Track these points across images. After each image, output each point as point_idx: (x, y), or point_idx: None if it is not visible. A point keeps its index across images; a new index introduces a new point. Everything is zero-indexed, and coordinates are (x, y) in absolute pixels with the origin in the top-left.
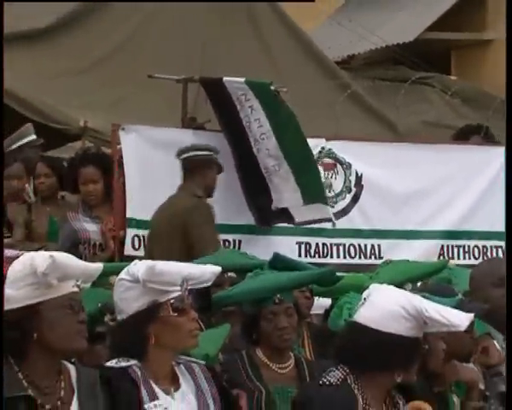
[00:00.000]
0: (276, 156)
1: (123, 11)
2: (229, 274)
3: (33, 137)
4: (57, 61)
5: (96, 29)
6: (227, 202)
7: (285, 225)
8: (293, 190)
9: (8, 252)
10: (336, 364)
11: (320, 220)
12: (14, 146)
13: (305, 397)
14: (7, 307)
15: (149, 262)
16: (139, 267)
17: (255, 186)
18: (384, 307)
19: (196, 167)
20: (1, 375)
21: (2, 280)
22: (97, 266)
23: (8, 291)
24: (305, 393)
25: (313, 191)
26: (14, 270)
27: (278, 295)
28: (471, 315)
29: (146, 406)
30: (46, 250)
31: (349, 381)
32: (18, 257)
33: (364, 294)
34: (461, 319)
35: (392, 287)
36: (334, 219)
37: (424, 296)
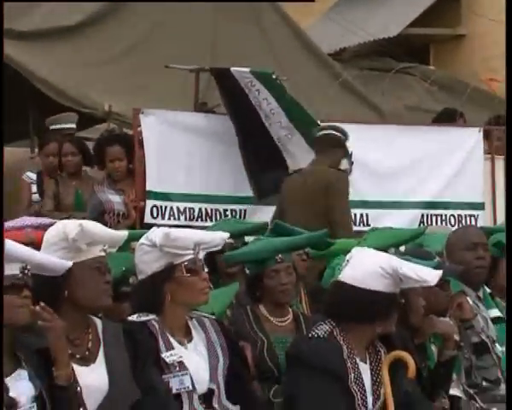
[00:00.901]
0: (287, 127)
1: (142, 10)
2: (228, 240)
3: (74, 125)
4: (85, 53)
5: (118, 26)
6: (233, 178)
7: None
8: (306, 151)
9: (43, 220)
10: (325, 318)
11: None
12: (55, 127)
13: (296, 349)
14: (45, 273)
15: (165, 229)
16: (157, 234)
17: (269, 157)
18: (364, 267)
19: (330, 145)
20: (1, 375)
21: (2, 280)
22: (123, 234)
23: (44, 254)
24: (297, 345)
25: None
26: (49, 235)
27: (280, 256)
28: (439, 272)
29: (163, 355)
30: (73, 219)
31: (335, 333)
32: (52, 224)
33: (347, 256)
34: (431, 275)
35: (371, 249)
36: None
37: (407, 259)
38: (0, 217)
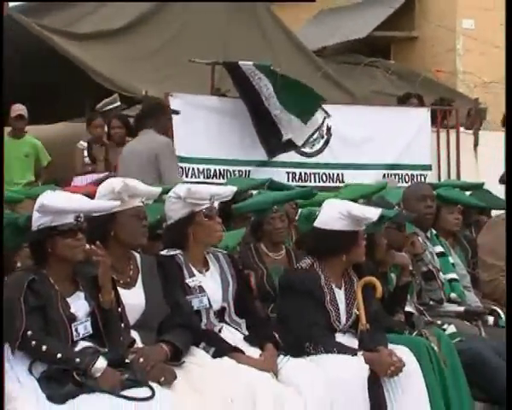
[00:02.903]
0: (279, 107)
1: (171, 18)
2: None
3: (118, 103)
4: (128, 51)
5: (153, 29)
6: (240, 145)
7: (279, 160)
8: (295, 124)
9: (97, 177)
10: (307, 254)
11: (315, 131)
12: (106, 108)
13: (286, 278)
14: (96, 213)
15: (188, 185)
16: (181, 189)
17: (268, 129)
18: (328, 214)
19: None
20: (1, 374)
21: (2, 282)
22: (156, 190)
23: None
24: (287, 275)
25: (308, 112)
26: (100, 189)
27: (275, 207)
28: (379, 210)
29: (186, 280)
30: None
31: (315, 266)
32: (104, 180)
33: (321, 207)
34: (373, 213)
35: (335, 200)
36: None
37: (372, 206)
38: (0, 216)
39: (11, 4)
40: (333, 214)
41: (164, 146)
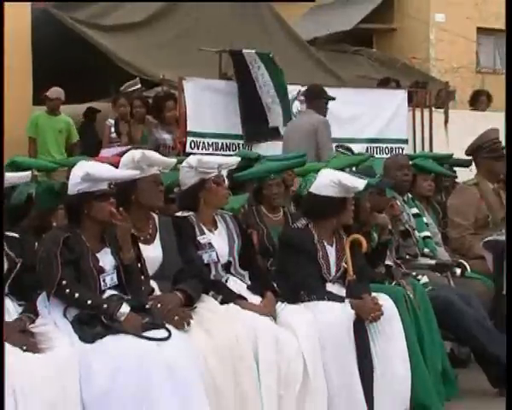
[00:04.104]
0: (272, 96)
1: (186, 11)
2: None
3: (139, 86)
4: (148, 40)
5: (170, 22)
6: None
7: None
8: (280, 116)
9: (121, 149)
10: (303, 215)
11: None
12: (128, 90)
13: (284, 235)
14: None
15: (199, 156)
16: (193, 159)
17: (256, 115)
18: (322, 181)
19: None
20: (1, 373)
21: (2, 283)
22: (171, 160)
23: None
24: (285, 233)
25: (286, 121)
26: (123, 159)
27: (272, 175)
28: (365, 181)
29: (198, 238)
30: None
31: (309, 226)
32: (126, 152)
33: (317, 175)
34: (360, 183)
35: (328, 169)
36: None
37: (358, 176)
38: (0, 217)
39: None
40: (326, 182)
41: (321, 123)
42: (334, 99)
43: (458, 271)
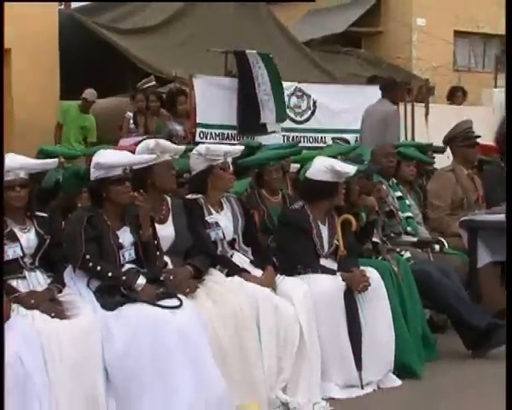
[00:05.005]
0: (268, 94)
1: (196, 16)
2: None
3: (154, 83)
4: (161, 42)
5: (180, 25)
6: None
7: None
8: (272, 114)
9: (138, 139)
10: (299, 198)
11: (273, 132)
12: (144, 86)
13: (283, 215)
14: (137, 166)
15: (207, 145)
16: (202, 147)
17: (252, 111)
18: (316, 167)
19: None
20: (1, 373)
21: (2, 283)
22: (182, 148)
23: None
24: (283, 213)
25: (280, 117)
26: (139, 147)
27: (272, 162)
28: (355, 167)
29: (206, 218)
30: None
31: (305, 207)
32: (141, 141)
33: (311, 161)
34: (350, 169)
35: (322, 157)
36: (279, 131)
37: (349, 163)
38: (1, 217)
39: (73, 6)
40: (320, 168)
41: (391, 112)
42: (409, 88)
43: (437, 247)
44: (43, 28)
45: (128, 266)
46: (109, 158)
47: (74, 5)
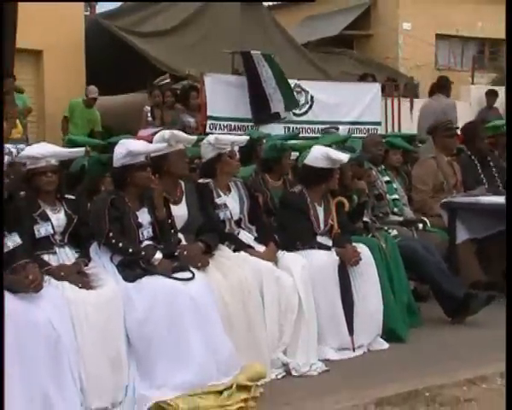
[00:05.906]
0: (274, 87)
1: (204, 20)
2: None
3: (169, 80)
4: (175, 43)
5: (192, 29)
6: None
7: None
8: (281, 103)
9: (155, 130)
10: (298, 182)
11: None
12: (160, 83)
13: (284, 198)
14: (154, 154)
15: (216, 135)
16: (212, 138)
17: (260, 104)
18: (313, 154)
19: None
20: (1, 372)
21: (2, 282)
22: (193, 138)
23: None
24: (284, 196)
25: (289, 106)
26: (156, 137)
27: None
28: (348, 155)
29: (215, 200)
30: (168, 130)
31: (303, 190)
32: (158, 132)
33: (309, 150)
34: (343, 157)
35: (319, 145)
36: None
37: (343, 151)
38: (1, 217)
39: (97, 11)
40: (317, 156)
41: (451, 104)
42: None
43: (420, 226)
44: (71, 32)
45: (146, 242)
46: (135, 147)
47: (99, 10)
